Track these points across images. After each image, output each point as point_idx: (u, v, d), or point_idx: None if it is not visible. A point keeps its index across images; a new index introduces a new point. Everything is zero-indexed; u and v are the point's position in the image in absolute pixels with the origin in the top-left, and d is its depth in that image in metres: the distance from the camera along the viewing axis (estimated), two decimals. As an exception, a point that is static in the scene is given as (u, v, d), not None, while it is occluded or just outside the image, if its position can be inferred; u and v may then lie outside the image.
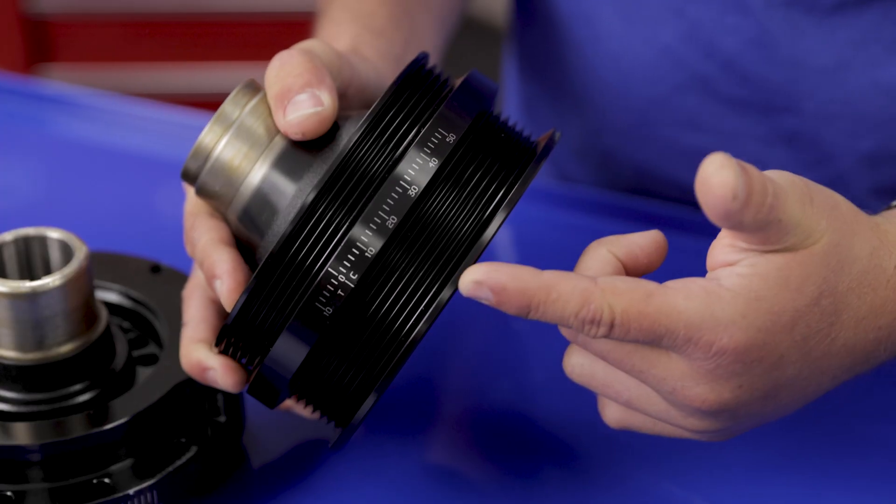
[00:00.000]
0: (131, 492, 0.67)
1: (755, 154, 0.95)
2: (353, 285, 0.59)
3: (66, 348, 0.70)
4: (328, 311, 0.60)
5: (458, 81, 0.64)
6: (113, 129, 1.09)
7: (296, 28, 2.22)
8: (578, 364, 0.64)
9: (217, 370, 0.67)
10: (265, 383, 0.63)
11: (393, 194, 0.60)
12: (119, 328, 0.75)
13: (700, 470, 0.75)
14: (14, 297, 0.68)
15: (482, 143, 0.62)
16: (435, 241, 0.60)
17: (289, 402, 0.69)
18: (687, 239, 0.94)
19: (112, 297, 0.77)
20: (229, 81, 2.24)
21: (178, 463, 0.69)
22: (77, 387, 0.71)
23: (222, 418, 0.72)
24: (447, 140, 0.61)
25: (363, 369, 0.62)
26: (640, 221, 0.96)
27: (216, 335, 0.68)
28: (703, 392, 0.60)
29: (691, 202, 1.00)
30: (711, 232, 0.95)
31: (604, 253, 0.62)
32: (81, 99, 1.14)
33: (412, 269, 0.60)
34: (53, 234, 0.72)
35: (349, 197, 0.60)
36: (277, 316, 0.62)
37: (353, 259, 0.59)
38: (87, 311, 0.71)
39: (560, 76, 1.02)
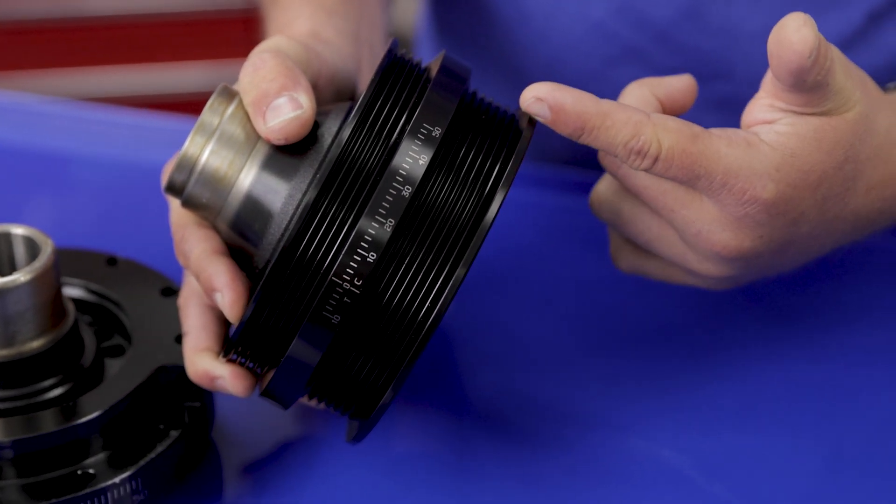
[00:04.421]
0: (117, 480, 0.68)
1: (689, 120, 0.97)
2: (364, 279, 0.59)
3: (36, 343, 0.70)
4: (342, 309, 0.60)
5: (433, 65, 0.65)
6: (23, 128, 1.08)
7: (174, 29, 2.22)
8: (607, 200, 0.68)
9: (226, 378, 0.67)
10: (279, 387, 0.63)
11: (392, 186, 0.59)
12: (83, 322, 0.75)
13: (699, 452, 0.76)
14: (-16, 294, 0.68)
15: (470, 124, 0.63)
16: (440, 226, 0.60)
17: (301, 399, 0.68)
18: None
19: (73, 291, 0.77)
20: (120, 85, 2.23)
21: (160, 449, 0.70)
22: (49, 381, 0.71)
23: (197, 403, 0.72)
24: (438, 126, 0.60)
25: (382, 361, 0.61)
26: (577, 192, 0.97)
27: (219, 341, 0.68)
28: (726, 238, 0.64)
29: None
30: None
31: (646, 93, 0.66)
32: None
33: (420, 256, 0.60)
34: (18, 230, 0.72)
35: (349, 192, 0.60)
36: (289, 320, 0.61)
37: (362, 253, 0.59)
38: (55, 305, 0.71)
39: (487, 55, 1.03)
